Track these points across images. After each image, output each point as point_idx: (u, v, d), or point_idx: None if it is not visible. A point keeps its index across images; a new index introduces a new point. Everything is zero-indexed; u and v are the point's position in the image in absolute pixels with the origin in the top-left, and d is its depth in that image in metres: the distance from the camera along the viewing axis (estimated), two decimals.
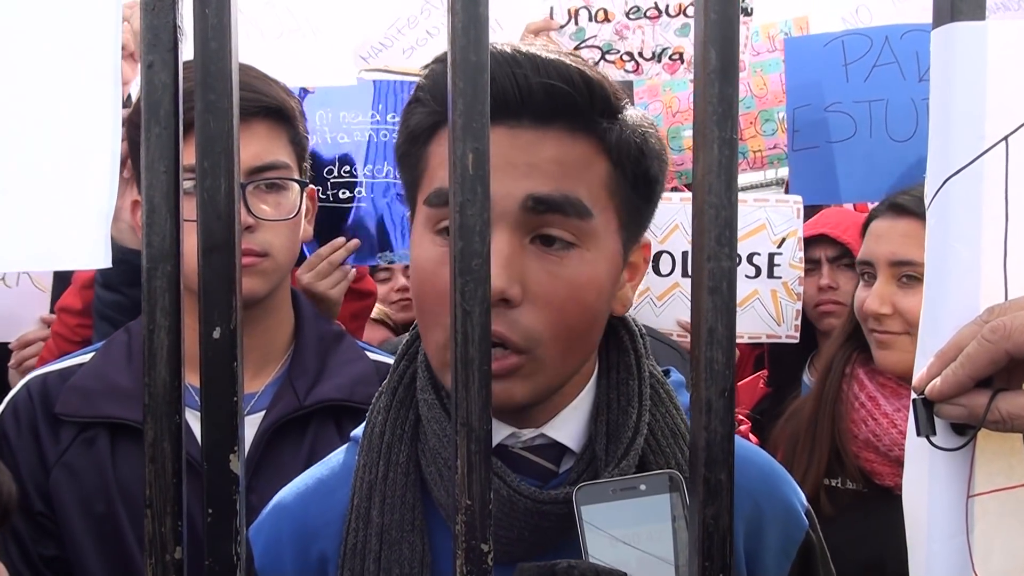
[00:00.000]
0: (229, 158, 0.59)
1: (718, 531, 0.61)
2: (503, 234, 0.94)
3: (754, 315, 2.55)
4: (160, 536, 0.60)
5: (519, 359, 0.95)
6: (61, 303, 2.30)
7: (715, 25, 0.59)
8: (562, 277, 0.96)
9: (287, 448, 1.56)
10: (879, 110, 2.62)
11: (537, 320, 0.95)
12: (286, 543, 1.10)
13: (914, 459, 0.83)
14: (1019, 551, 0.81)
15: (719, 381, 0.61)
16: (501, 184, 0.93)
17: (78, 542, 1.52)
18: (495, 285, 0.91)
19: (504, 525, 0.99)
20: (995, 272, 0.78)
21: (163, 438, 0.60)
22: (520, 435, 1.04)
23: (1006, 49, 0.75)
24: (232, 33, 0.59)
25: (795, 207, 2.59)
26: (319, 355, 1.65)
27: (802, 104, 2.72)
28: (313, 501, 1.12)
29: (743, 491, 1.08)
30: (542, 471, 1.05)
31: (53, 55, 1.08)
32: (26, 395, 1.60)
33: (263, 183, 1.56)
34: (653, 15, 2.72)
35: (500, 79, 0.93)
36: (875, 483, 1.90)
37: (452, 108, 0.59)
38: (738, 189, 0.62)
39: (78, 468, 1.53)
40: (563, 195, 0.95)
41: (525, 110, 0.95)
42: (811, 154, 2.71)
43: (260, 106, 1.54)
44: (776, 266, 2.53)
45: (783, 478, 1.14)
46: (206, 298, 0.60)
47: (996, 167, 0.77)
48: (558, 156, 0.95)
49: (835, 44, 2.69)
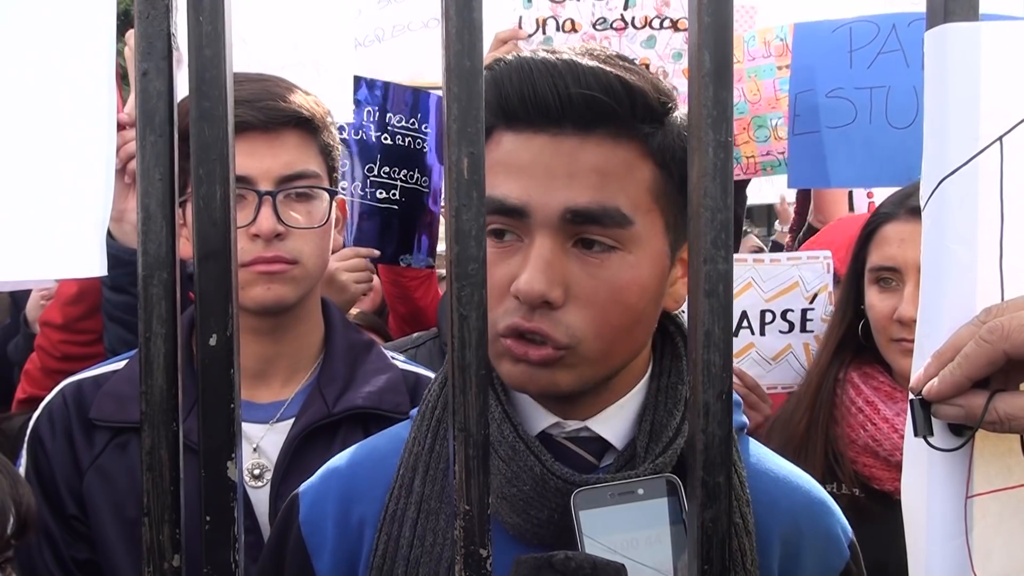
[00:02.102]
0: (224, 165, 0.59)
1: (717, 534, 0.61)
2: (545, 239, 0.97)
3: (787, 367, 2.58)
4: (158, 544, 0.60)
5: (558, 351, 0.98)
6: (44, 316, 2.30)
7: (709, 29, 0.59)
8: (603, 279, 0.99)
9: (316, 455, 1.56)
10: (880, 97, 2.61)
11: (579, 319, 0.98)
12: (331, 503, 1.14)
13: (912, 461, 0.83)
14: (1018, 551, 0.81)
15: (716, 384, 0.61)
16: (541, 194, 0.97)
17: (110, 546, 1.54)
18: (536, 288, 0.95)
19: (536, 505, 1.01)
20: (991, 272, 0.78)
21: (160, 446, 0.60)
22: (564, 425, 1.07)
23: (1000, 49, 0.75)
24: (226, 40, 0.59)
25: (825, 262, 2.62)
26: (348, 363, 1.66)
27: (805, 88, 2.72)
28: (363, 467, 1.16)
29: (784, 510, 1.09)
30: (583, 464, 1.07)
31: (48, 62, 1.07)
32: (61, 401, 1.62)
33: (293, 192, 1.57)
34: (619, 27, 2.74)
35: (541, 88, 0.97)
36: (873, 488, 1.88)
37: (447, 113, 0.59)
38: (734, 192, 0.62)
39: (111, 472, 1.55)
40: (601, 206, 0.97)
41: (566, 118, 0.97)
42: (811, 138, 2.70)
43: (290, 116, 1.55)
44: (808, 320, 2.58)
45: (830, 509, 1.15)
46: (202, 305, 0.59)
47: (991, 167, 0.77)
48: (599, 164, 0.98)
49: (843, 30, 2.68)
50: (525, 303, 0.97)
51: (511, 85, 0.99)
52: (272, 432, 1.59)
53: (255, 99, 1.52)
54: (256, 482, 1.55)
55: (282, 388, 1.64)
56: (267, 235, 1.52)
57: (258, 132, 1.52)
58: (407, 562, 1.06)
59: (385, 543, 1.07)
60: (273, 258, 1.53)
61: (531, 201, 0.97)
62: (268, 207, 1.53)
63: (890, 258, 1.89)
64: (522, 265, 0.98)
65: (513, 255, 0.99)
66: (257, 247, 1.53)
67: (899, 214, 1.90)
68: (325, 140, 1.62)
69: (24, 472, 1.56)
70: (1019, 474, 0.81)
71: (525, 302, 0.97)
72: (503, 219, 0.99)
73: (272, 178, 1.54)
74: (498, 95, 0.99)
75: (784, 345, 2.57)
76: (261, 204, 1.52)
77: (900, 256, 1.87)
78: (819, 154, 2.67)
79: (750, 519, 1.05)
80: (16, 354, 2.85)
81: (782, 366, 2.57)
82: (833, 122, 2.65)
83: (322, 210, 1.60)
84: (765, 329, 2.53)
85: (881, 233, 1.93)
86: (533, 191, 0.97)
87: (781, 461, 1.17)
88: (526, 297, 0.96)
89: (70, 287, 2.18)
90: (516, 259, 0.99)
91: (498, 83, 1.00)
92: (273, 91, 1.56)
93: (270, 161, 1.54)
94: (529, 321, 0.97)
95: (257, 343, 1.60)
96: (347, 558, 1.11)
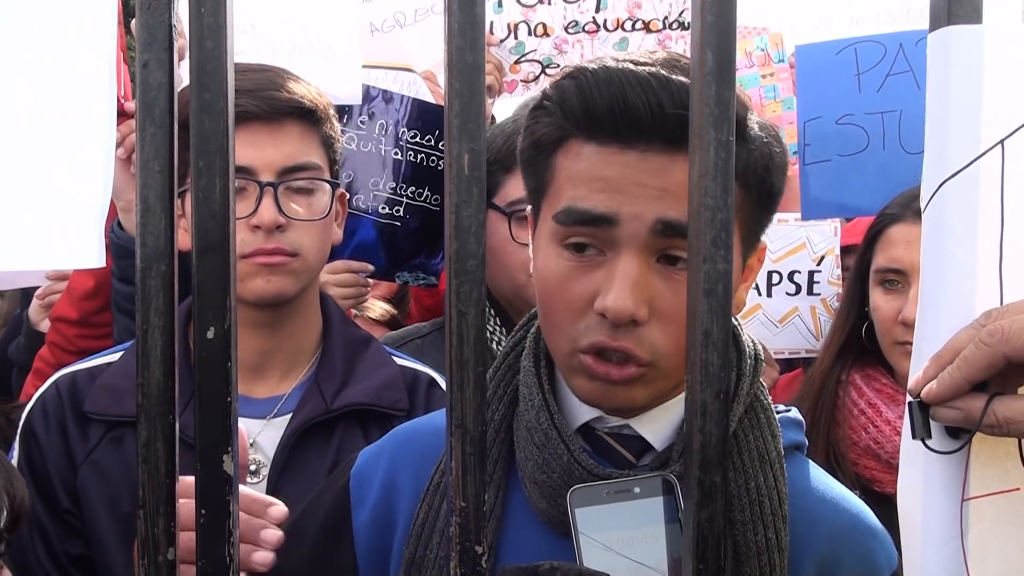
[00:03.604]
0: (224, 158, 0.59)
1: (712, 534, 0.61)
2: (631, 256, 0.97)
3: (794, 331, 2.58)
4: (153, 536, 0.60)
5: (641, 369, 0.99)
6: (56, 312, 2.29)
7: (712, 28, 0.59)
8: (685, 295, 0.98)
9: (314, 451, 1.56)
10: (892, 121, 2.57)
11: (663, 336, 0.98)
12: (383, 464, 1.17)
13: (909, 463, 0.83)
14: (1014, 555, 0.81)
15: (714, 384, 0.60)
16: (632, 206, 0.96)
17: (104, 540, 1.53)
18: (625, 307, 0.95)
19: (563, 493, 1.02)
20: (991, 275, 0.78)
21: (156, 438, 0.59)
22: (607, 420, 1.08)
23: (1002, 52, 0.75)
24: (228, 32, 0.59)
25: (832, 225, 2.61)
26: (347, 359, 1.65)
27: (813, 117, 2.68)
28: (420, 436, 1.19)
29: (824, 532, 1.08)
30: (621, 460, 1.07)
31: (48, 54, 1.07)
32: (55, 393, 1.61)
33: (294, 184, 1.56)
34: (592, 30, 2.73)
35: (634, 103, 0.95)
36: (874, 490, 1.86)
37: (448, 109, 0.59)
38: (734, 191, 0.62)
39: (106, 467, 1.54)
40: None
41: (656, 134, 0.96)
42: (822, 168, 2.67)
43: (293, 107, 1.55)
44: (816, 283, 2.58)
45: (875, 535, 1.13)
46: (200, 298, 0.59)
47: (992, 170, 0.77)
48: (687, 180, 0.97)
49: (847, 52, 2.63)
50: (612, 321, 0.96)
51: (600, 97, 0.97)
52: (269, 428, 1.58)
53: (257, 89, 1.52)
54: (253, 478, 1.55)
55: (279, 383, 1.63)
56: (268, 226, 1.51)
57: (260, 122, 1.52)
58: (442, 535, 1.08)
59: (426, 513, 1.10)
60: (274, 250, 1.53)
61: (621, 212, 0.96)
62: (270, 198, 1.52)
63: (896, 260, 1.88)
64: (607, 281, 0.97)
65: (595, 270, 0.99)
66: (258, 239, 1.52)
67: (906, 216, 1.89)
68: (327, 132, 1.62)
69: (16, 464, 1.55)
70: (1016, 478, 0.81)
71: (613, 321, 0.96)
72: (588, 230, 0.98)
73: (274, 169, 1.53)
74: (584, 105, 0.98)
75: (791, 308, 2.57)
76: (263, 195, 1.52)
77: (906, 258, 1.86)
78: (833, 184, 2.62)
79: (784, 536, 1.04)
80: (17, 354, 2.85)
81: (788, 330, 2.57)
82: (845, 150, 2.59)
83: (323, 203, 1.59)
84: (772, 291, 2.53)
85: (887, 235, 1.92)
86: (624, 203, 0.96)
87: (834, 484, 1.16)
88: (615, 316, 0.96)
89: (86, 282, 2.18)
90: (598, 274, 0.98)
91: (584, 93, 0.98)
92: (275, 81, 1.55)
93: (272, 152, 1.53)
94: (615, 340, 0.97)
95: (255, 337, 1.59)
96: (385, 518, 1.14)
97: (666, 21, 2.69)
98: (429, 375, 1.69)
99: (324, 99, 1.63)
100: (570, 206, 0.99)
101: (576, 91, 0.99)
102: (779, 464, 1.07)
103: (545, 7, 2.70)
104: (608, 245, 0.98)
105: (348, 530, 1.15)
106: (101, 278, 2.14)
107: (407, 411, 1.60)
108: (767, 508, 1.04)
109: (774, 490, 1.05)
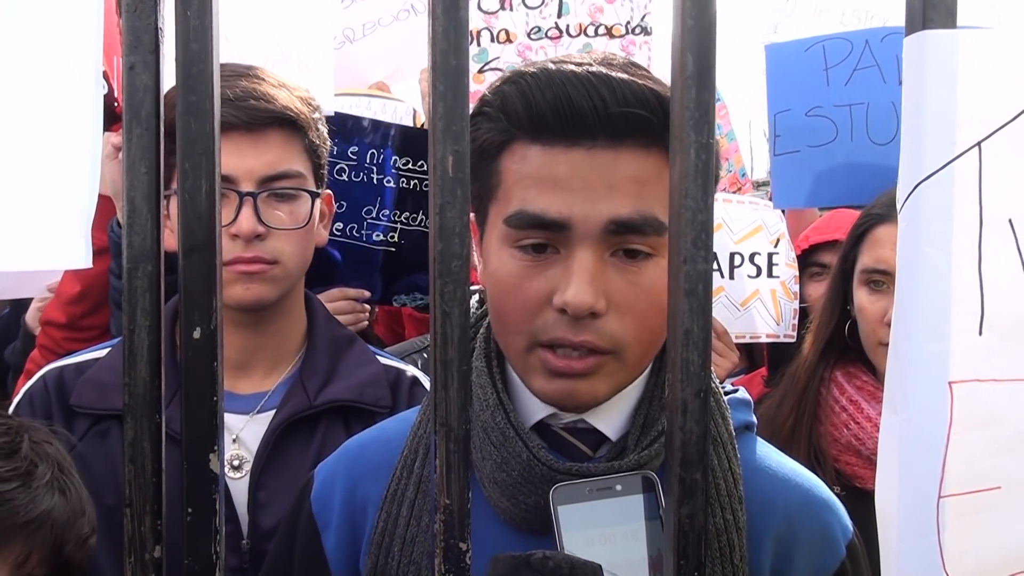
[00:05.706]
0: (210, 159, 0.60)
1: (693, 530, 0.62)
2: (587, 252, 0.99)
3: (755, 315, 2.59)
4: (139, 535, 0.60)
5: (602, 358, 1.00)
6: (45, 316, 2.32)
7: (692, 32, 0.60)
8: (642, 286, 1.01)
9: (296, 446, 1.58)
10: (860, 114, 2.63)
11: (621, 326, 1.00)
12: (339, 481, 1.17)
13: (887, 459, 0.84)
14: (991, 553, 0.82)
15: (695, 382, 0.61)
16: (583, 207, 0.98)
17: None
18: (584, 301, 0.97)
19: (523, 491, 1.04)
20: (969, 276, 0.79)
21: (143, 437, 0.60)
22: (561, 416, 1.09)
23: (977, 56, 0.76)
24: (213, 35, 0.59)
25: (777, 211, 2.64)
26: (330, 357, 1.67)
27: (783, 109, 2.73)
28: (371, 447, 1.20)
29: (780, 508, 1.10)
30: (579, 454, 1.09)
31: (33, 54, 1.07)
32: (42, 386, 1.62)
33: (276, 192, 1.56)
34: (554, 35, 2.73)
35: (578, 103, 0.97)
36: (855, 487, 1.87)
37: (432, 111, 0.60)
38: (714, 193, 0.63)
39: (90, 459, 1.55)
40: (641, 215, 0.99)
41: (601, 131, 0.98)
42: (792, 158, 2.72)
43: (274, 116, 1.55)
44: (775, 265, 2.60)
45: (829, 507, 1.15)
46: (186, 299, 0.60)
47: (968, 172, 0.78)
48: (634, 174, 0.99)
49: (816, 49, 2.70)
50: (573, 315, 0.98)
51: (544, 99, 0.98)
52: (252, 423, 1.59)
53: (238, 99, 1.52)
54: (235, 473, 1.55)
55: (263, 379, 1.64)
56: (246, 236, 1.52)
57: (241, 132, 1.52)
58: (403, 541, 1.09)
59: (384, 521, 1.11)
60: (252, 258, 1.53)
61: (573, 215, 0.98)
62: (249, 208, 1.52)
63: (882, 260, 1.88)
64: (563, 278, 0.99)
65: (550, 267, 1.00)
66: (237, 247, 1.53)
67: (892, 216, 1.86)
68: (311, 139, 1.61)
69: None
70: (994, 478, 0.82)
71: (573, 314, 0.98)
72: (542, 233, 1.00)
73: (254, 178, 1.53)
74: (528, 108, 0.99)
75: (752, 291, 2.60)
76: (242, 205, 1.52)
77: (892, 259, 1.82)
78: (802, 174, 2.68)
79: (741, 516, 1.06)
80: (13, 358, 2.87)
81: (749, 314, 2.60)
82: (814, 141, 2.66)
83: (304, 210, 1.60)
84: (734, 272, 2.56)
85: (873, 235, 1.92)
86: (574, 204, 0.98)
87: (785, 460, 1.17)
88: (575, 310, 0.97)
89: (72, 286, 2.21)
90: (554, 272, 1.00)
91: (527, 96, 1.00)
92: (258, 90, 1.55)
93: (253, 161, 1.53)
94: (576, 335, 0.99)
95: (239, 335, 1.60)
96: (350, 536, 1.14)
97: (628, 26, 2.69)
98: (412, 374, 1.70)
99: (309, 105, 1.62)
100: (522, 209, 1.00)
101: (518, 95, 1.00)
102: (731, 445, 1.09)
103: (507, 13, 2.69)
104: (562, 244, 1.00)
105: (321, 557, 1.15)
106: (87, 282, 2.16)
107: (390, 408, 1.61)
108: (723, 490, 1.06)
109: (728, 471, 1.07)
